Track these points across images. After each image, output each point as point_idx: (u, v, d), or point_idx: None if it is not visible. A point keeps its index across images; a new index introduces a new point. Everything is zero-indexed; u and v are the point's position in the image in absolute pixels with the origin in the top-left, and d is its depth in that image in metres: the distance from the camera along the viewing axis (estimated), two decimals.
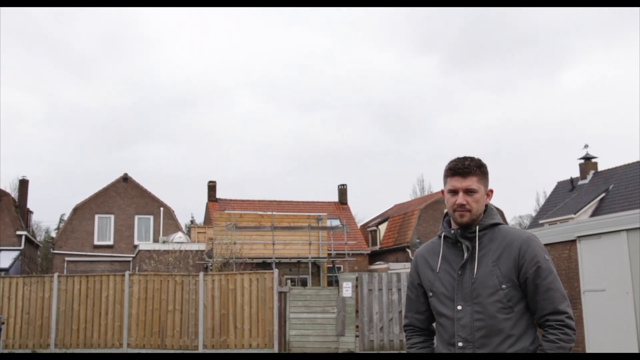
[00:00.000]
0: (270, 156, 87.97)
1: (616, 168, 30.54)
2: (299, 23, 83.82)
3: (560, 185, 33.85)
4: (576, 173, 32.68)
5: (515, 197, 79.31)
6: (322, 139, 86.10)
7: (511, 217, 57.79)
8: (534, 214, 49.06)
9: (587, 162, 31.87)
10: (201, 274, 16.49)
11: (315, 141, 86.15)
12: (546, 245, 10.01)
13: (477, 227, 2.67)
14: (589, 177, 31.59)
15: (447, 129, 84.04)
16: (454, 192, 2.69)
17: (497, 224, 2.70)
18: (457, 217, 2.67)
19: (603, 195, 28.87)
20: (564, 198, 32.03)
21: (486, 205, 2.74)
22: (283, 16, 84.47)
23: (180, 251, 22.50)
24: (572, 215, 27.73)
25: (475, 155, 2.80)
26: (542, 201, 50.42)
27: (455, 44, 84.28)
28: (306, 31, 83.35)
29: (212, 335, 15.97)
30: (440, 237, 2.79)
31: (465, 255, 2.67)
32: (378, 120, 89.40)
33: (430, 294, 2.74)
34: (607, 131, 77.97)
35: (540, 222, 31.21)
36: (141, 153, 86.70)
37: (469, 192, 2.68)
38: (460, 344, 2.59)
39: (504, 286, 2.57)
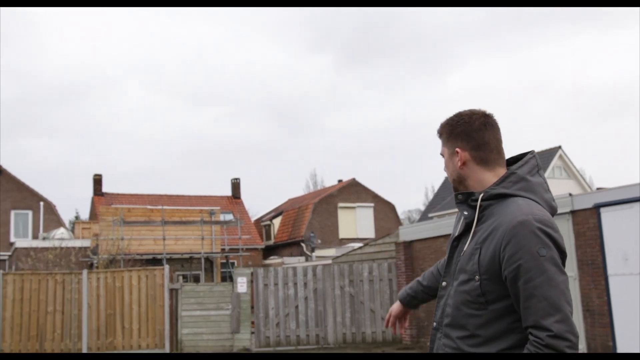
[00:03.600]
0: (161, 150, 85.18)
1: None
2: (191, 15, 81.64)
3: (447, 180, 35.09)
4: None
5: (406, 192, 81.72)
6: (216, 134, 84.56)
7: (401, 212, 59.43)
8: (422, 208, 50.70)
9: None
10: (84, 271, 15.40)
11: (209, 136, 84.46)
12: None
13: (482, 195, 2.16)
14: None
15: (339, 126, 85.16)
16: None
17: (509, 195, 2.12)
18: None
19: None
20: (450, 192, 33.24)
21: (511, 167, 2.20)
22: (175, 7, 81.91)
23: (61, 248, 21.02)
24: None
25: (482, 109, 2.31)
26: (430, 196, 52.24)
27: (348, 44, 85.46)
28: (199, 24, 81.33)
29: (98, 337, 14.96)
30: None
31: (460, 226, 2.24)
32: (272, 116, 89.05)
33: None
34: None
35: (430, 215, 32.19)
36: (23, 146, 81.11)
37: (442, 157, 2.35)
38: (434, 323, 2.26)
39: (477, 277, 2.07)
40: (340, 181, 40.39)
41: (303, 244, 34.25)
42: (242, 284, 15.58)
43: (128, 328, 15.03)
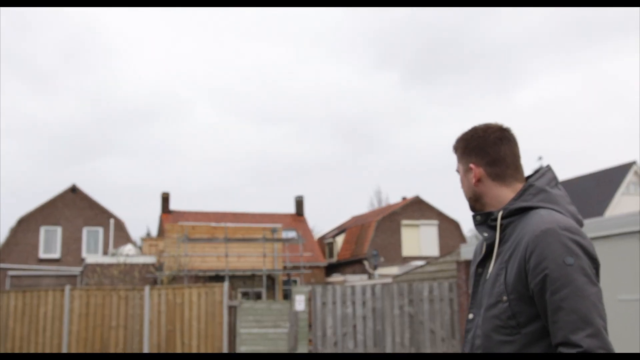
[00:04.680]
0: (229, 169, 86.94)
1: (570, 180, 30.87)
2: (258, 35, 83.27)
3: None
4: None
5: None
6: (282, 152, 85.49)
7: (467, 229, 58.15)
8: None
9: None
10: (147, 287, 15.71)
11: (275, 154, 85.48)
12: None
13: (500, 213, 2.02)
14: None
15: (405, 143, 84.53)
16: None
17: (530, 208, 1.98)
18: None
19: None
20: None
21: (528, 180, 2.08)
22: (243, 28, 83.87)
23: (126, 264, 21.57)
24: None
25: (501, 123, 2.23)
26: None
27: (413, 61, 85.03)
28: (267, 44, 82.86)
29: (158, 352, 15.19)
30: None
31: (483, 249, 2.10)
32: (338, 133, 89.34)
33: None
34: (560, 146, 79.64)
35: None
36: (100, 166, 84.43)
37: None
38: None
39: (505, 297, 1.91)
40: (404, 199, 39.92)
41: (366, 262, 33.93)
42: (300, 302, 15.49)
43: (187, 344, 15.19)
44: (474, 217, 2.12)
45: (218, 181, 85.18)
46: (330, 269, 36.55)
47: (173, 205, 37.36)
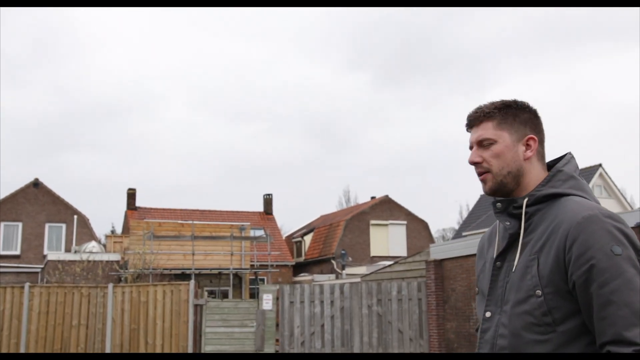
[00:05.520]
0: (199, 167, 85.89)
1: None
2: (233, 33, 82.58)
3: (483, 198, 34.34)
4: None
5: (441, 211, 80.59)
6: (253, 150, 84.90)
7: (435, 230, 58.53)
8: (457, 227, 49.81)
9: None
10: (110, 285, 15.30)
11: (246, 152, 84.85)
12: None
13: (526, 199, 1.82)
14: None
15: (376, 143, 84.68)
16: (471, 149, 1.94)
17: (561, 195, 1.80)
18: (482, 185, 1.92)
19: None
20: (486, 210, 32.46)
21: (555, 166, 1.88)
22: (217, 26, 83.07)
23: (89, 261, 21.03)
24: None
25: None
26: (465, 214, 51.28)
27: (387, 61, 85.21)
28: (241, 42, 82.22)
29: (121, 351, 14.79)
30: None
31: (502, 240, 1.88)
32: (309, 133, 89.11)
33: (477, 290, 2.00)
34: None
35: (464, 234, 31.47)
36: (65, 161, 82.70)
37: (482, 144, 1.89)
38: None
39: (538, 291, 1.70)
40: (373, 198, 39.92)
41: (334, 262, 33.81)
42: (267, 301, 15.26)
43: (151, 344, 14.82)
44: (494, 204, 1.89)
45: (186, 178, 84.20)
46: (298, 268, 36.33)
47: (139, 202, 36.66)
